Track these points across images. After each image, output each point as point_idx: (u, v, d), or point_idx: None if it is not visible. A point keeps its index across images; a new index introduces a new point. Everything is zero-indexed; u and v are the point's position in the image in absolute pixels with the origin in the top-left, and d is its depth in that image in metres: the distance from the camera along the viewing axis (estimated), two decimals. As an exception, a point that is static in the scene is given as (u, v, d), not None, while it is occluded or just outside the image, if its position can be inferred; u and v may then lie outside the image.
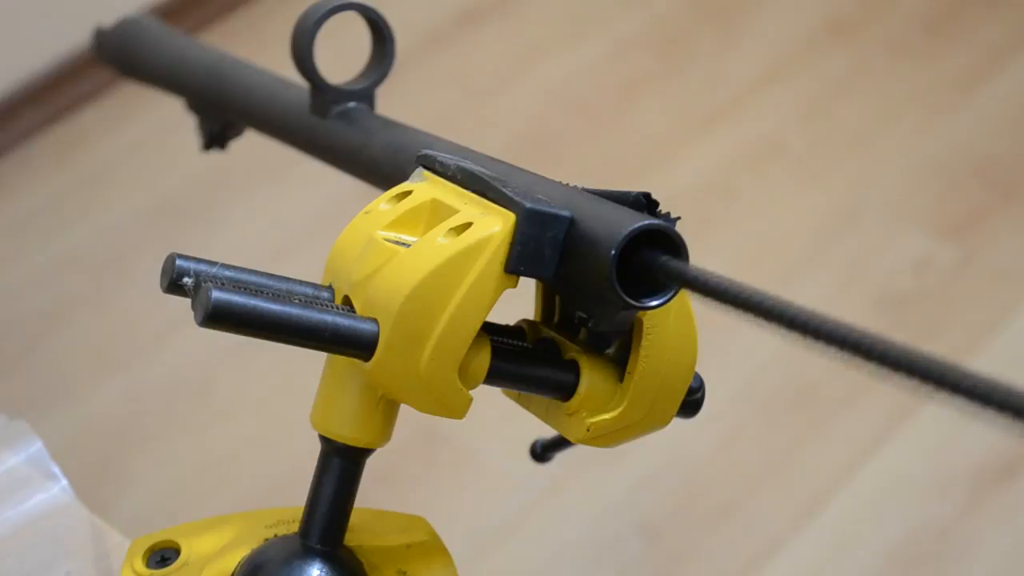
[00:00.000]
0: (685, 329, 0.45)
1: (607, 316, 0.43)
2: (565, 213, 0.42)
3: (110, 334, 1.72)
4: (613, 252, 0.40)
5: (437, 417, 0.44)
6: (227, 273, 0.43)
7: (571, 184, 0.45)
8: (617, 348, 0.46)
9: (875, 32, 2.05)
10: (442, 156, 0.47)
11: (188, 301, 0.42)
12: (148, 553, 0.51)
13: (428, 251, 0.42)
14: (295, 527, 0.48)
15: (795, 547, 1.45)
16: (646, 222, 0.40)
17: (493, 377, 0.45)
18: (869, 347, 0.32)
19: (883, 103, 1.94)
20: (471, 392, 0.44)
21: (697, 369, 0.46)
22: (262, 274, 0.44)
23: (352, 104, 0.57)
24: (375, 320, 0.42)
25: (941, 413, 1.51)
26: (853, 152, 1.88)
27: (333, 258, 0.46)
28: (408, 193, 0.46)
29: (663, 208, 0.43)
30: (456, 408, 0.44)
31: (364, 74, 0.58)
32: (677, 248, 0.40)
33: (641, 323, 0.44)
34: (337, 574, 0.47)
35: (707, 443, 1.54)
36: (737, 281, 0.36)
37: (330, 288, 0.45)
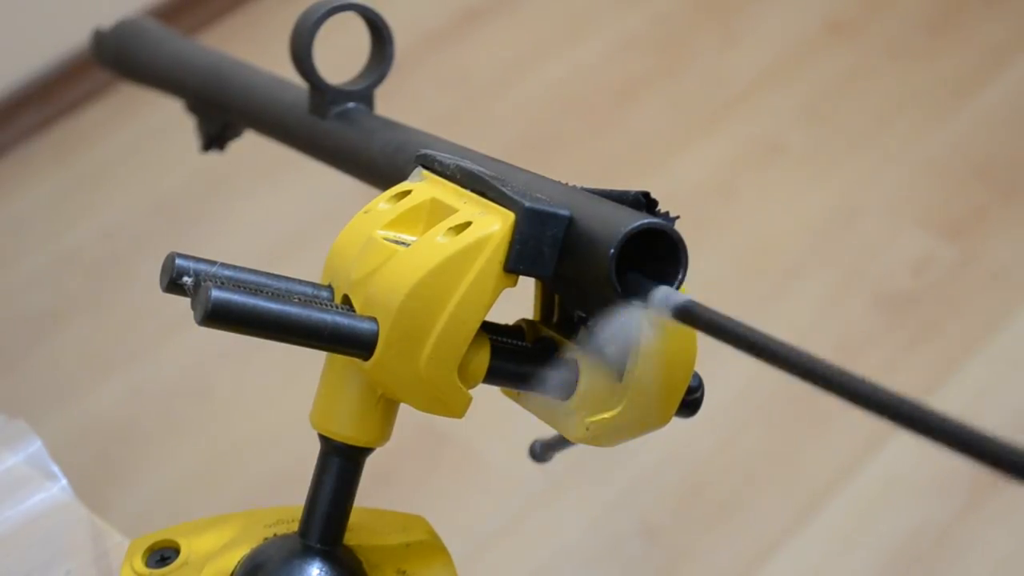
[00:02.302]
0: (685, 328, 0.45)
1: (606, 315, 0.43)
2: (564, 212, 0.42)
3: (110, 334, 1.72)
4: (612, 251, 0.40)
5: (437, 416, 0.44)
6: (226, 272, 0.43)
7: (571, 184, 0.45)
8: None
9: (875, 32, 2.05)
10: (441, 156, 0.47)
11: (188, 301, 0.42)
12: (148, 552, 0.51)
13: (427, 250, 0.42)
14: (295, 526, 0.48)
15: (795, 547, 1.45)
16: (645, 221, 0.40)
17: (492, 376, 0.45)
18: (835, 379, 0.33)
19: (883, 103, 1.94)
20: (470, 391, 0.44)
21: (697, 368, 0.46)
22: (261, 273, 0.44)
23: (351, 104, 0.57)
24: (374, 319, 0.42)
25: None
26: (853, 152, 1.88)
27: (332, 257, 0.46)
28: (407, 192, 0.46)
29: (662, 207, 0.43)
30: (455, 407, 0.44)
31: (363, 74, 0.58)
32: (676, 248, 0.40)
33: (640, 322, 0.44)
34: (337, 573, 0.47)
35: (707, 443, 1.54)
36: (720, 314, 0.36)
37: (329, 287, 0.45)
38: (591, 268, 0.41)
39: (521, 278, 0.43)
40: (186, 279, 0.43)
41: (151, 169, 1.92)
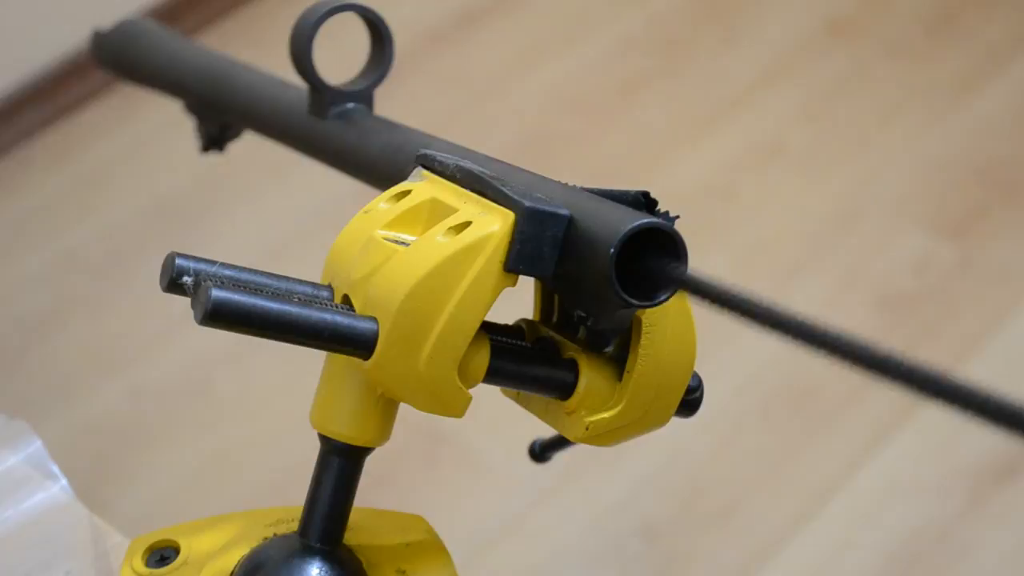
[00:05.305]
0: (684, 328, 0.45)
1: (606, 315, 0.43)
2: (564, 212, 0.42)
3: (110, 334, 1.72)
4: (612, 251, 0.40)
5: (437, 416, 0.44)
6: (227, 272, 0.43)
7: (570, 184, 0.45)
8: (616, 347, 0.46)
9: (875, 32, 2.05)
10: (441, 155, 0.47)
11: (188, 300, 0.42)
12: (148, 552, 0.51)
13: (427, 250, 0.42)
14: (295, 526, 0.48)
15: (795, 547, 1.45)
16: (645, 221, 0.40)
17: (492, 376, 0.45)
18: (859, 353, 0.32)
19: (883, 103, 1.94)
20: (470, 391, 0.44)
21: (696, 368, 0.46)
22: (262, 273, 0.44)
23: (351, 105, 0.57)
24: (374, 319, 0.42)
25: (941, 413, 1.51)
26: (853, 152, 1.88)
27: (333, 257, 0.46)
28: (407, 192, 0.46)
29: (662, 207, 0.43)
30: (455, 407, 0.44)
31: (363, 75, 0.58)
32: (676, 247, 0.40)
33: (640, 322, 0.44)
34: (336, 573, 0.47)
35: (707, 443, 1.54)
36: (734, 286, 0.36)
37: (330, 287, 0.45)
38: (591, 268, 0.41)
39: (521, 278, 0.43)
40: (186, 279, 0.43)
41: (151, 169, 1.93)
